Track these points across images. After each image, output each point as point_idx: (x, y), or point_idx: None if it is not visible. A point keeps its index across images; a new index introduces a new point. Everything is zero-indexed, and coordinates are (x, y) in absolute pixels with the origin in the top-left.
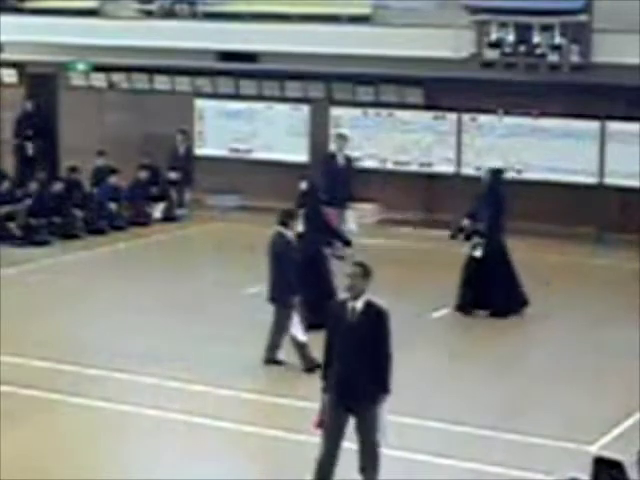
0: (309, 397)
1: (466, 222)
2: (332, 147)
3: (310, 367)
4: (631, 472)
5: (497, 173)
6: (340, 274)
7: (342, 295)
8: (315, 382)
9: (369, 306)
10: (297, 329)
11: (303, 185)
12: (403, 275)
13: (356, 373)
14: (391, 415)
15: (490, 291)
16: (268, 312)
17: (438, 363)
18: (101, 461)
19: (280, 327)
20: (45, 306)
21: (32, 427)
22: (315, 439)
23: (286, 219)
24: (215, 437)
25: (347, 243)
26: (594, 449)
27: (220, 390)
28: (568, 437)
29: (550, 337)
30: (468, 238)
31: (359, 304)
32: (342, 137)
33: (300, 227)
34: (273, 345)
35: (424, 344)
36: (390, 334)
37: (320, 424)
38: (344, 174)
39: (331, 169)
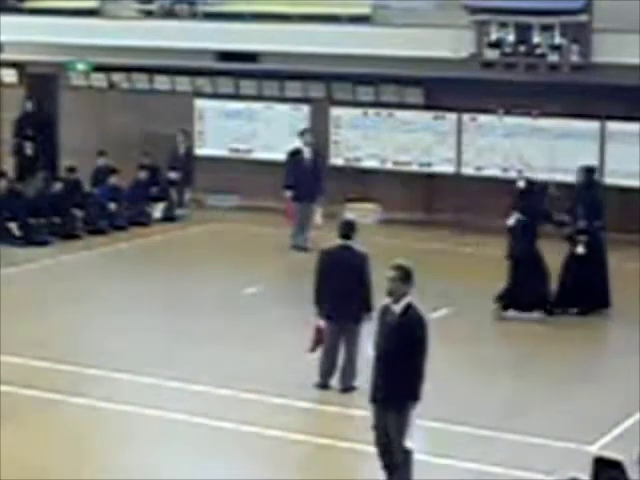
0: (309, 397)
1: (566, 217)
2: (298, 143)
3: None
4: (631, 472)
5: (590, 171)
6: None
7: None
8: (314, 382)
9: (407, 311)
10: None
11: (521, 184)
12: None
13: (388, 376)
14: None
15: (584, 289)
16: (267, 312)
17: (438, 363)
18: (101, 461)
19: (357, 346)
20: (45, 306)
21: (32, 427)
22: (316, 440)
23: (350, 232)
24: (215, 437)
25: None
26: (594, 449)
27: (220, 390)
28: (568, 437)
29: (550, 337)
30: (569, 233)
31: (398, 308)
32: (307, 131)
33: (511, 221)
34: (353, 369)
35: None
36: (426, 341)
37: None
38: (311, 169)
39: (296, 164)
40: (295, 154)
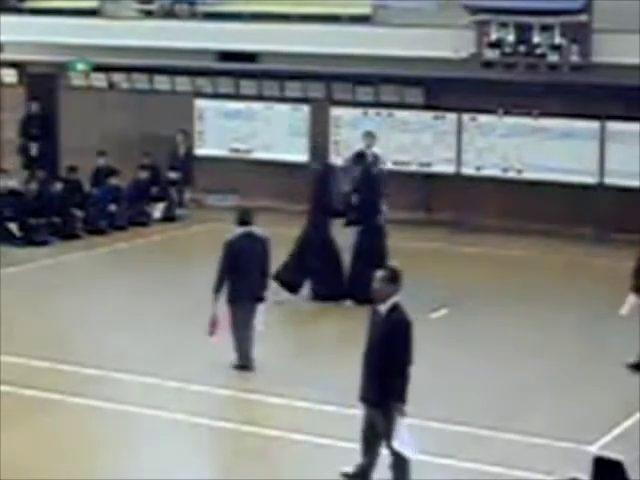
0: (308, 397)
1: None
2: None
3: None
4: (631, 472)
5: (359, 156)
6: None
7: None
8: (315, 382)
9: (392, 312)
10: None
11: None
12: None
13: (371, 376)
14: None
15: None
16: (267, 311)
17: (437, 363)
18: (101, 461)
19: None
20: (45, 306)
21: (32, 427)
22: (314, 439)
23: (248, 218)
24: (215, 437)
25: None
26: (594, 449)
27: (220, 390)
28: (568, 437)
29: (550, 337)
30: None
31: (384, 308)
32: (370, 135)
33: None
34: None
35: (423, 344)
36: (410, 343)
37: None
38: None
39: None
40: (361, 158)
